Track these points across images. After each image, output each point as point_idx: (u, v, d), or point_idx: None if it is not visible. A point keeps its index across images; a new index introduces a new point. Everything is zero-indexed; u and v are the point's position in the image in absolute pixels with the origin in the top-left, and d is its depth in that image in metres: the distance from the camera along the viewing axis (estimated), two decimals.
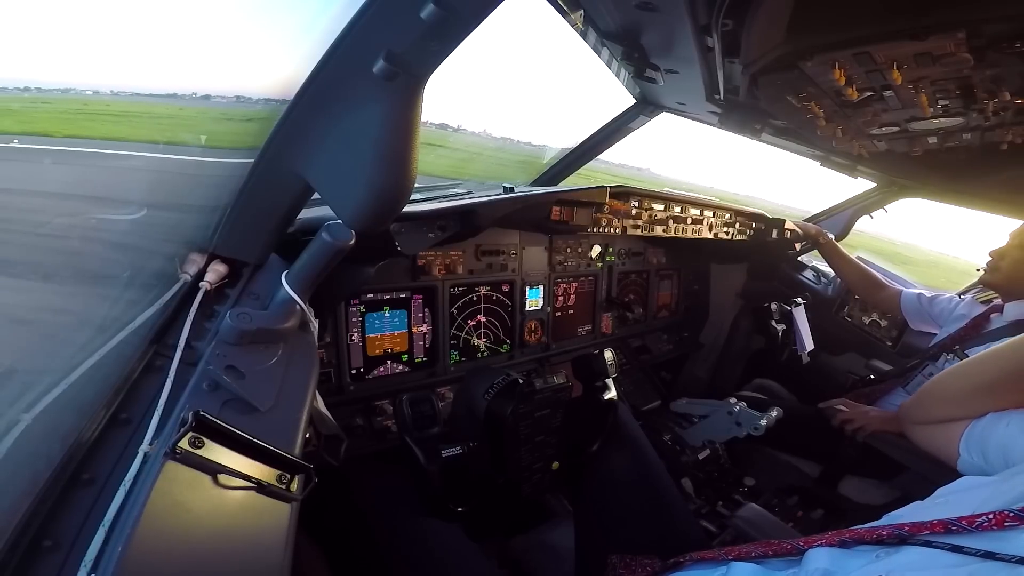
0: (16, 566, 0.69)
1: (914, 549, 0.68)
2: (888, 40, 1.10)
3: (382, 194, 0.95)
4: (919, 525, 0.69)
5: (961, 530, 0.64)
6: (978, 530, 0.63)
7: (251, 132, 1.03)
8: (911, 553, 0.68)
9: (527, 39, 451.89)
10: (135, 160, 1.34)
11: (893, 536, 0.71)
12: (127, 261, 1.14)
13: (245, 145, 1.04)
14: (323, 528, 1.31)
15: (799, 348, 2.75)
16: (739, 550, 0.94)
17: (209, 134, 1.37)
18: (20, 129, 1.32)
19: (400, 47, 0.79)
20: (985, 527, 0.62)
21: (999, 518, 0.62)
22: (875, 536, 0.73)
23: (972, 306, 2.28)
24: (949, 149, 1.86)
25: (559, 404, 1.43)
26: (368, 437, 1.71)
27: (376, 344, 1.81)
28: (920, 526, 0.69)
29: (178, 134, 1.38)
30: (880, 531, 0.73)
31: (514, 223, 2.04)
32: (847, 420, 2.09)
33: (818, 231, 2.89)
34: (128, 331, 0.92)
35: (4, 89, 1.13)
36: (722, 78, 1.48)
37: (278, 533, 0.79)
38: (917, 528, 0.69)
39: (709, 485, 2.25)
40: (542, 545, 1.64)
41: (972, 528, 0.63)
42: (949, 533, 0.65)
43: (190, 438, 0.72)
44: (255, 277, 1.08)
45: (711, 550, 1.03)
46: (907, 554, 0.68)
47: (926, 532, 0.68)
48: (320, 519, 1.28)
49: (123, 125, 1.40)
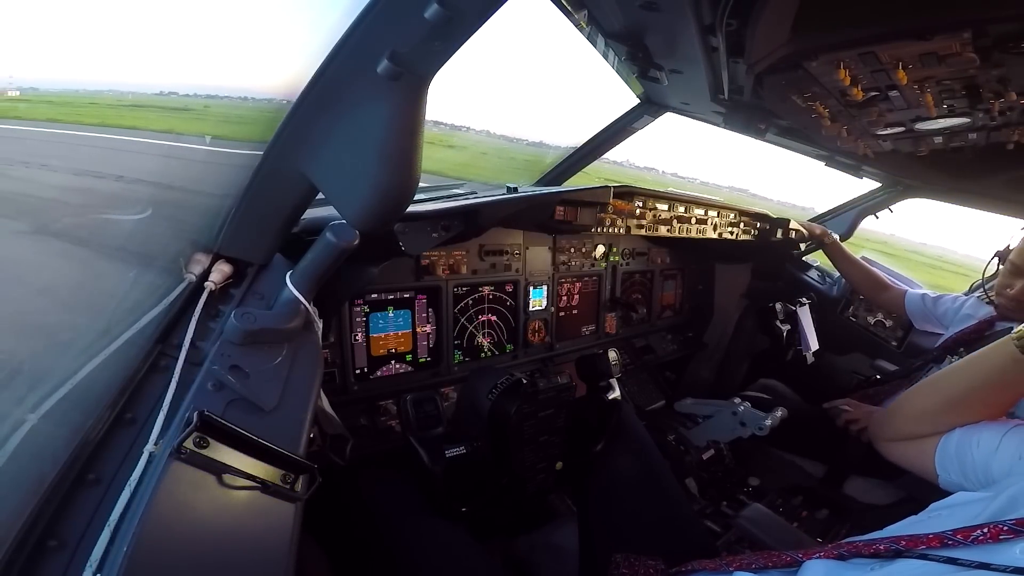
0: (22, 565, 0.69)
1: (910, 562, 0.69)
2: (893, 40, 1.10)
3: (386, 194, 0.95)
4: (916, 539, 0.70)
5: (957, 544, 0.65)
6: (974, 543, 0.64)
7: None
8: (907, 565, 0.68)
9: (531, 39, 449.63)
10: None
11: (890, 550, 0.72)
12: (132, 261, 1.15)
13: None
14: (327, 528, 1.31)
15: (804, 348, 2.74)
16: (740, 560, 0.95)
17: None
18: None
19: (404, 47, 0.79)
20: (980, 540, 0.63)
21: (994, 531, 0.63)
22: (872, 550, 0.74)
23: (978, 306, 2.26)
24: (955, 149, 1.85)
25: (563, 404, 1.43)
26: (372, 437, 1.71)
27: (380, 344, 1.81)
28: (917, 540, 0.70)
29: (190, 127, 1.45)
30: (877, 544, 0.74)
31: (518, 223, 2.04)
32: (852, 420, 2.08)
33: (823, 231, 2.88)
34: (133, 331, 0.92)
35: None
36: (726, 78, 1.48)
37: (283, 533, 0.79)
38: (914, 542, 0.69)
39: (713, 485, 2.25)
40: (546, 545, 1.64)
41: (967, 542, 0.64)
42: (945, 547, 0.66)
43: (195, 438, 0.72)
44: (259, 277, 1.08)
45: (712, 559, 1.04)
46: (902, 566, 0.69)
47: (923, 546, 0.68)
48: (324, 519, 1.29)
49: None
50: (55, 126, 1.55)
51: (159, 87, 1.55)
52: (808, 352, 2.74)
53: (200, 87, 1.45)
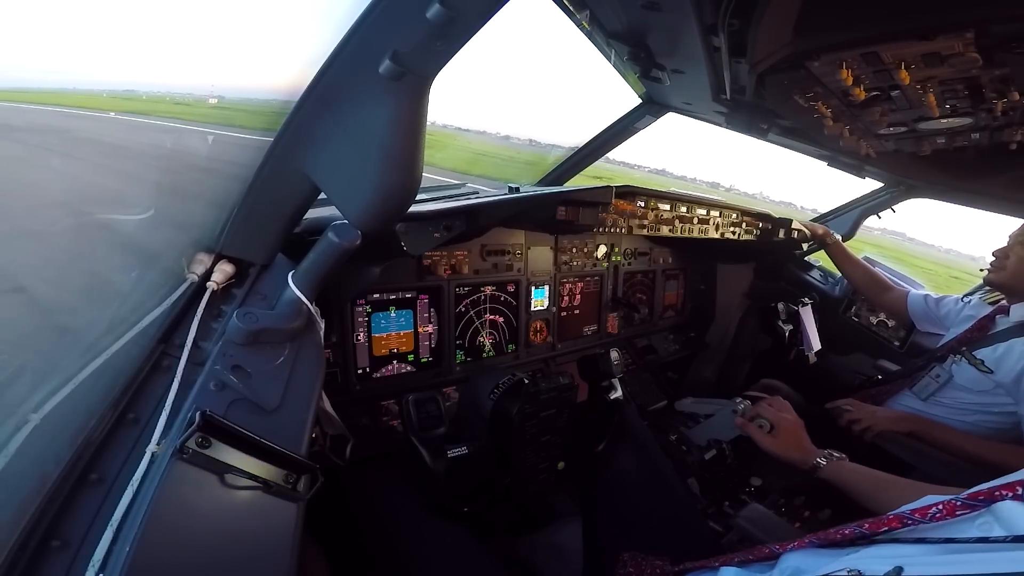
0: (25, 566, 0.69)
1: (882, 547, 0.71)
2: (896, 40, 1.09)
3: (388, 194, 0.95)
4: (877, 522, 0.73)
5: (915, 523, 0.68)
6: (931, 521, 0.66)
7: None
8: (879, 550, 0.71)
9: (533, 39, 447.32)
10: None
11: (857, 535, 0.75)
12: (134, 261, 1.15)
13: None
14: (329, 528, 1.31)
15: (806, 348, 2.74)
16: (725, 558, 0.99)
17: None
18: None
19: (406, 47, 0.79)
20: (937, 518, 0.66)
21: (948, 507, 0.66)
22: (841, 535, 0.77)
23: (979, 307, 2.26)
24: (957, 149, 1.84)
25: (565, 404, 1.43)
26: (374, 437, 1.71)
27: (382, 344, 1.81)
28: (878, 523, 0.72)
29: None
30: (844, 530, 0.77)
31: (520, 223, 2.05)
32: (854, 420, 2.08)
33: (825, 231, 2.88)
34: (136, 331, 0.92)
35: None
36: (728, 78, 1.48)
37: (284, 532, 0.79)
38: (876, 525, 0.72)
39: (716, 485, 2.24)
40: (548, 545, 1.64)
41: (925, 520, 0.67)
42: (905, 526, 0.69)
43: (197, 438, 0.72)
44: (262, 277, 1.08)
45: (704, 560, 1.06)
46: (875, 551, 0.71)
47: (884, 528, 0.71)
48: (326, 519, 1.29)
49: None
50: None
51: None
52: (810, 352, 2.74)
53: (202, 86, 1.46)
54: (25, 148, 3.10)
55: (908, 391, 2.27)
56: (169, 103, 1.69)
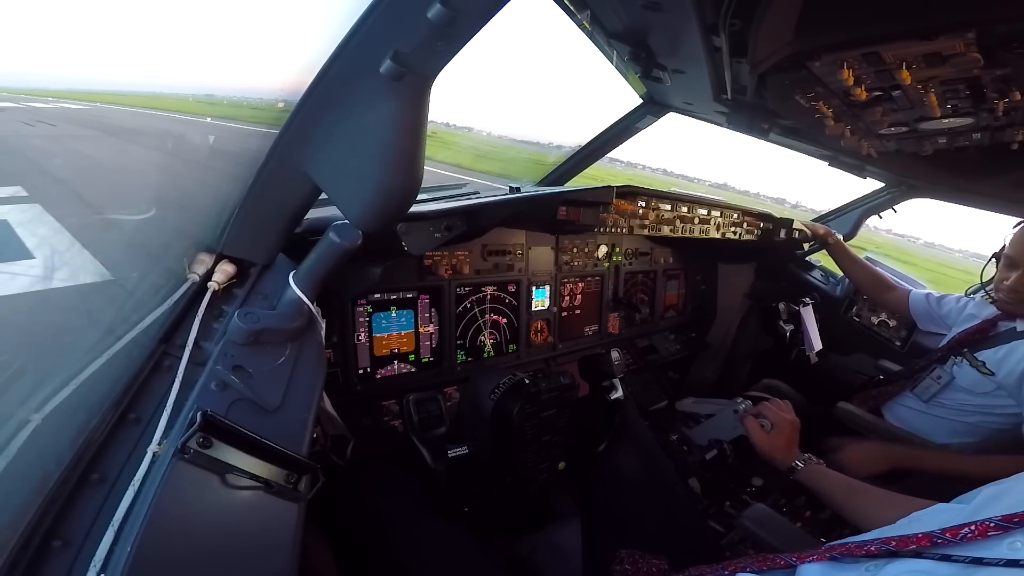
0: (27, 565, 0.69)
1: (906, 561, 0.69)
2: (897, 40, 1.09)
3: (389, 194, 0.95)
4: (906, 539, 0.70)
5: (946, 543, 0.66)
6: (963, 541, 0.64)
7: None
8: (902, 564, 0.69)
9: (534, 39, 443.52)
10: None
11: (881, 551, 0.73)
12: (136, 261, 1.15)
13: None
14: (330, 528, 1.31)
15: (807, 348, 2.74)
16: (735, 565, 0.96)
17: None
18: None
19: (407, 47, 0.79)
20: (969, 538, 0.64)
21: (981, 528, 0.63)
22: (864, 550, 0.75)
23: (982, 306, 2.25)
24: (959, 149, 1.84)
25: (565, 404, 1.43)
26: (375, 437, 1.71)
27: (383, 344, 1.81)
28: (906, 540, 0.70)
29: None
30: (868, 546, 0.74)
31: (520, 223, 2.05)
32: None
33: (826, 231, 2.87)
34: (137, 331, 0.92)
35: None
36: (729, 78, 1.48)
37: (285, 532, 0.79)
38: (904, 542, 0.70)
39: (717, 485, 2.24)
40: (548, 545, 1.64)
41: (956, 540, 0.65)
42: (935, 546, 0.67)
43: (198, 438, 0.73)
44: (263, 277, 1.08)
45: (710, 565, 1.04)
46: (899, 566, 0.69)
47: (913, 545, 0.69)
48: (328, 519, 1.29)
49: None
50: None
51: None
52: (812, 352, 2.74)
53: (202, 86, 1.46)
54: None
55: (909, 392, 2.26)
56: (248, 107, 1.68)
